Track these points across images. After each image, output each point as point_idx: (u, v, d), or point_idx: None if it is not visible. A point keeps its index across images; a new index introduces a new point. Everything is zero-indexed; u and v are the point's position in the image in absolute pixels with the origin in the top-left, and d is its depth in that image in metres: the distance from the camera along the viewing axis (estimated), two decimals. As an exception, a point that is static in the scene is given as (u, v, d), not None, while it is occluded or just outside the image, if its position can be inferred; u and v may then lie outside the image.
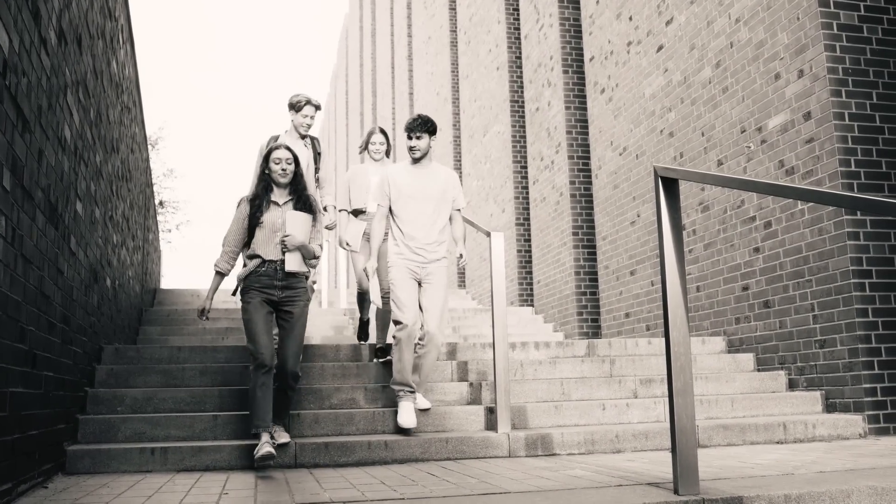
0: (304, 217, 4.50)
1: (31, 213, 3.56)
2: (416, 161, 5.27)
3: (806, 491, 3.11)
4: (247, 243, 4.61)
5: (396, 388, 5.10)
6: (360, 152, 6.61)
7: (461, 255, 5.29)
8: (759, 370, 6.58)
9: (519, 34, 12.95)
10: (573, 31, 10.81)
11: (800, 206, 6.13)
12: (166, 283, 25.76)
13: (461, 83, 15.87)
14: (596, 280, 10.10)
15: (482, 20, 14.34)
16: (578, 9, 10.85)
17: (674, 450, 3.10)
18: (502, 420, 4.99)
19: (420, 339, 5.09)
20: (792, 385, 6.21)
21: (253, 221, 4.55)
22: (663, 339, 6.83)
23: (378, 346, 6.28)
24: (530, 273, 12.03)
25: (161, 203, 26.07)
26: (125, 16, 7.32)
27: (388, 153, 6.54)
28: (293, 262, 4.51)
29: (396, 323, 5.07)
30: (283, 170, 4.59)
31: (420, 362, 5.10)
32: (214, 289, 4.64)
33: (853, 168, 5.71)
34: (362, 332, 6.82)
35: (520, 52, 12.84)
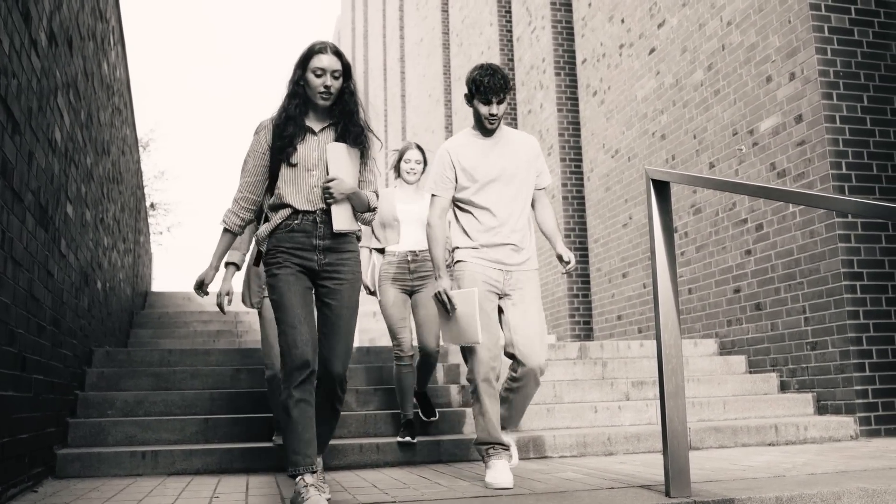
0: (349, 152, 3.20)
1: (21, 215, 3.54)
2: (489, 132, 3.88)
3: (797, 493, 3.11)
4: (269, 189, 3.26)
5: (483, 448, 3.73)
6: (395, 174, 5.12)
7: (564, 259, 3.86)
8: (750, 372, 6.60)
9: (511, 36, 12.96)
10: (565, 34, 10.83)
11: (791, 209, 6.14)
12: (157, 285, 25.68)
13: (453, 85, 15.88)
14: (588, 282, 10.10)
15: (474, 22, 14.35)
16: (570, 11, 10.87)
17: (665, 452, 3.10)
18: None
19: (514, 374, 3.79)
20: (784, 387, 6.23)
21: (280, 156, 3.15)
22: (655, 342, 6.84)
23: (417, 390, 5.07)
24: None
25: (152, 205, 25.99)
26: (116, 17, 7.30)
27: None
28: (343, 218, 3.15)
29: (469, 362, 3.73)
30: (326, 87, 3.12)
31: (511, 398, 3.86)
32: (221, 253, 3.27)
33: (844, 170, 5.73)
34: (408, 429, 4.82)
35: (512, 55, 12.85)
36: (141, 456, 4.50)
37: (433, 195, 3.87)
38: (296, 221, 3.14)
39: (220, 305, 4.35)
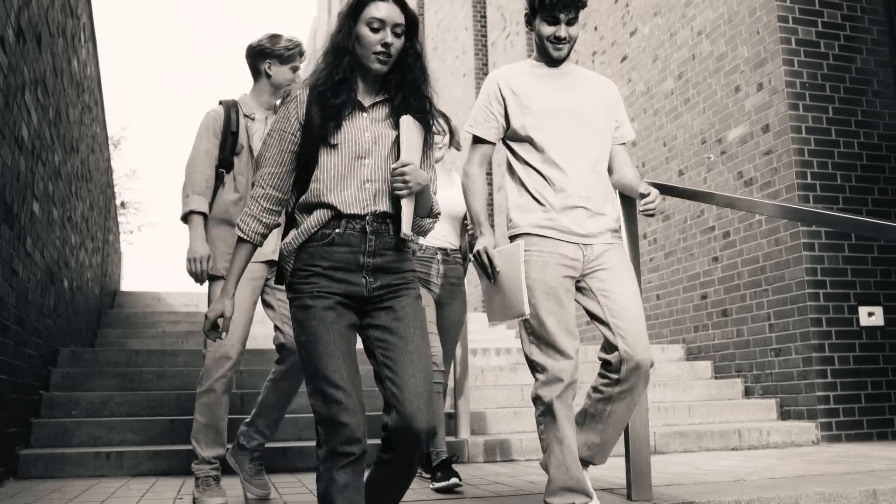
0: (419, 131, 2.32)
1: (-15, 213, 3.51)
2: (555, 62, 2.97)
3: (756, 497, 3.16)
4: (296, 183, 2.33)
5: (556, 501, 2.77)
6: None
7: (642, 191, 2.89)
8: (716, 378, 6.68)
9: (486, 41, 13.02)
10: (539, 40, 10.89)
11: (757, 217, 6.23)
12: (127, 285, 25.44)
13: (428, 89, 15.90)
14: (559, 287, 10.15)
15: (450, 26, 14.39)
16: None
17: (627, 456, 3.14)
18: (462, 426, 5.00)
19: (614, 376, 2.80)
20: (748, 392, 6.31)
21: (320, 136, 2.25)
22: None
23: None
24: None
25: (123, 204, 25.74)
26: (88, 14, 7.24)
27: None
28: (411, 219, 2.26)
29: (539, 373, 2.81)
30: (385, 45, 2.25)
31: (609, 412, 2.86)
32: (237, 274, 2.31)
33: (809, 180, 5.83)
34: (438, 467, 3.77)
35: (486, 60, 12.90)
36: (105, 457, 4.47)
37: (473, 137, 3.01)
38: (337, 230, 2.18)
39: (198, 274, 3.53)
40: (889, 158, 6.06)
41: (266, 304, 3.65)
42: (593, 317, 2.83)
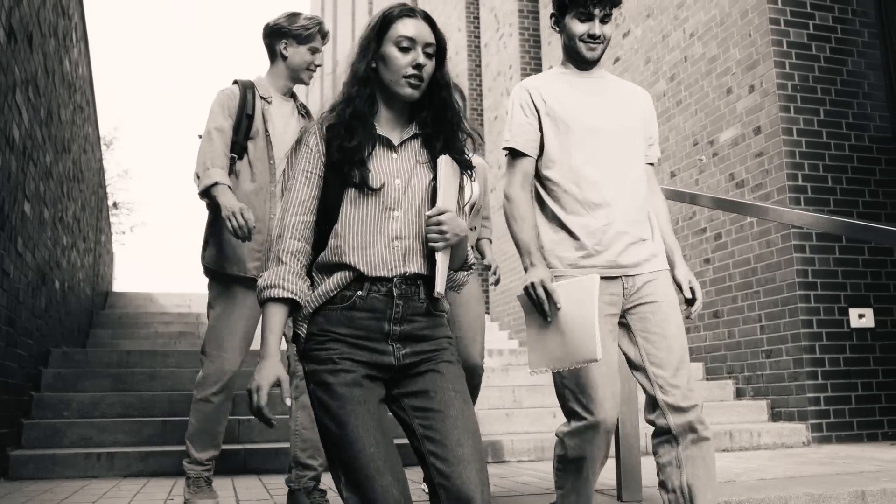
0: (457, 174, 2.03)
1: (-24, 213, 3.50)
2: (588, 63, 2.61)
3: (746, 497, 3.17)
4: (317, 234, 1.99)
5: None
6: None
7: (683, 287, 2.62)
8: (707, 379, 6.70)
9: (479, 42, 13.03)
10: (532, 41, 10.91)
11: (748, 219, 6.25)
12: (119, 285, 25.37)
13: (421, 90, 15.92)
14: (551, 288, 10.17)
15: (443, 27, 14.29)
16: (538, 19, 10.96)
17: (617, 457, 3.15)
18: (454, 427, 5.01)
19: (670, 435, 2.46)
20: (739, 394, 6.33)
21: (341, 182, 1.93)
22: (615, 348, 6.90)
23: None
24: (486, 280, 12.08)
25: (115, 204, 25.68)
26: (79, 14, 7.22)
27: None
28: (445, 276, 1.96)
29: (573, 420, 2.49)
30: (417, 66, 1.94)
31: (685, 480, 2.44)
32: (276, 341, 1.87)
33: (800, 182, 5.85)
34: None
35: (479, 61, 12.92)
36: (96, 458, 4.46)
37: (511, 152, 2.59)
38: (359, 293, 1.87)
39: (240, 226, 3.10)
40: (880, 161, 6.09)
41: None
42: (631, 364, 2.52)
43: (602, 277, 2.41)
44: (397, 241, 1.89)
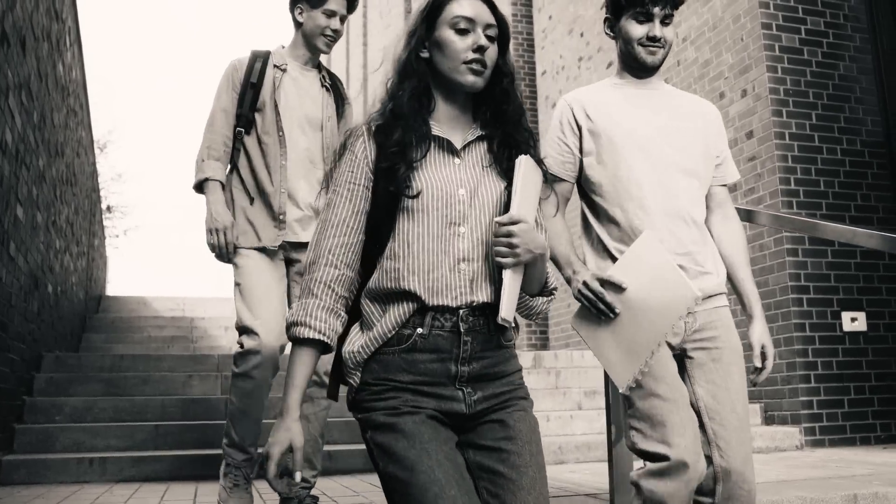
0: (539, 179, 1.75)
1: (-32, 217, 3.49)
2: (647, 70, 2.33)
3: (738, 502, 3.18)
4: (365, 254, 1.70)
5: None
6: None
7: (757, 351, 2.31)
8: (701, 382, 6.70)
9: (473, 46, 13.05)
10: (526, 45, 10.93)
11: (742, 223, 6.26)
12: (112, 289, 25.31)
13: (416, 94, 15.92)
14: (545, 292, 10.18)
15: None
16: (531, 23, 10.98)
17: (610, 461, 3.16)
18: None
19: (701, 499, 2.13)
20: (732, 397, 6.33)
21: (392, 194, 1.63)
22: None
23: None
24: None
25: (109, 208, 25.64)
26: (73, 18, 7.21)
27: None
28: (515, 299, 1.64)
29: (652, 459, 2.06)
30: (478, 50, 1.67)
31: None
32: (302, 387, 1.59)
33: (793, 186, 5.87)
34: None
35: (474, 65, 12.94)
36: (89, 463, 4.45)
37: (544, 174, 1.96)
38: (419, 331, 1.58)
39: (220, 246, 3.01)
40: (871, 164, 6.11)
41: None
42: None
43: None
44: (464, 263, 1.58)
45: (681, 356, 2.20)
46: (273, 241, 3.06)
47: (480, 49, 1.65)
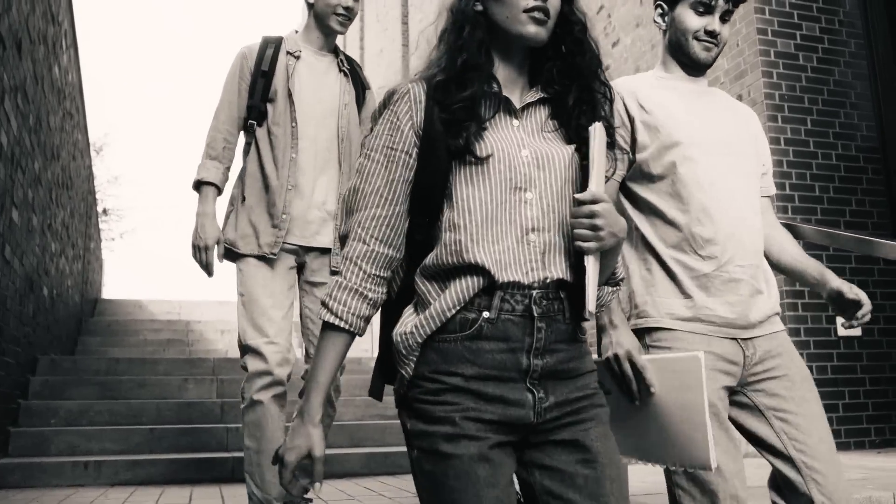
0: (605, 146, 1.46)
1: (-37, 220, 3.49)
2: (698, 67, 2.11)
3: (733, 506, 3.18)
4: (414, 230, 1.45)
5: None
6: None
7: (847, 296, 2.21)
8: (696, 387, 6.71)
9: (470, 50, 13.07)
10: (523, 50, 10.96)
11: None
12: (108, 292, 25.26)
13: (412, 97, 15.94)
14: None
15: (433, 35, 14.44)
16: (528, 28, 11.01)
17: None
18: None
19: None
20: (728, 402, 6.34)
21: (450, 155, 1.40)
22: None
23: None
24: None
25: (105, 211, 25.61)
26: (69, 21, 7.21)
27: None
28: (596, 289, 1.39)
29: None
30: (541, 6, 1.42)
31: None
32: (326, 386, 1.41)
33: (788, 191, 5.88)
34: None
35: (470, 69, 12.96)
36: (84, 466, 4.44)
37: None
38: (486, 314, 1.36)
39: (203, 263, 2.81)
40: (866, 170, 6.13)
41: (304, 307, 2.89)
42: (760, 443, 1.95)
43: (714, 336, 1.93)
44: (533, 233, 1.37)
45: (742, 393, 1.96)
46: (271, 246, 2.75)
47: (542, 14, 1.42)
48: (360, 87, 3.10)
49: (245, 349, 2.70)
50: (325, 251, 2.86)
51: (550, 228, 1.39)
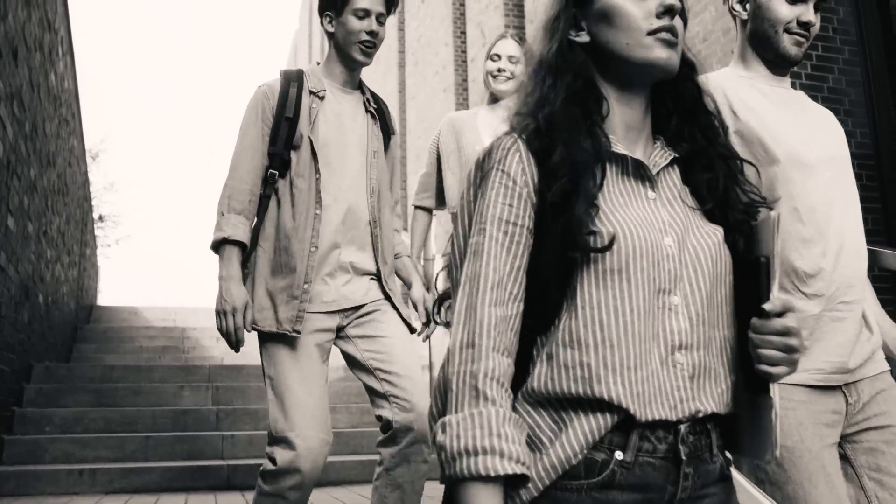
0: None
1: (-42, 228, 3.49)
2: (788, 62, 1.82)
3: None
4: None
5: None
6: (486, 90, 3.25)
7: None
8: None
9: (466, 57, 13.10)
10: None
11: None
12: (104, 299, 25.18)
13: (408, 104, 15.97)
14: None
15: (429, 42, 14.47)
16: (524, 35, 11.03)
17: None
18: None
19: None
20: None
21: (567, 245, 1.04)
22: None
23: None
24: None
25: (101, 217, 25.58)
26: (66, 28, 7.22)
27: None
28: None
29: None
30: (669, 12, 1.14)
31: None
32: None
33: (783, 198, 5.90)
34: None
35: (466, 75, 12.98)
36: (78, 474, 4.43)
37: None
38: (619, 456, 1.03)
39: (230, 333, 2.31)
40: (860, 177, 6.14)
41: (348, 358, 2.45)
42: None
43: (813, 386, 1.63)
44: (681, 352, 1.05)
45: (839, 445, 1.67)
46: (292, 321, 2.33)
47: (670, 11, 1.12)
48: (387, 130, 2.69)
49: (275, 440, 2.32)
50: (362, 305, 2.44)
51: (700, 345, 1.06)
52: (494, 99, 3.15)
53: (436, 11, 13.83)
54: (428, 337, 2.65)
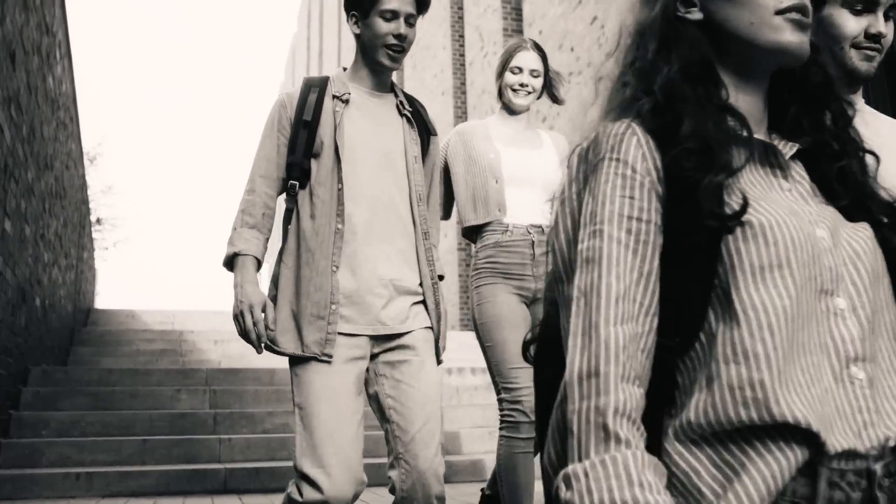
0: None
1: (-45, 231, 3.49)
2: (860, 77, 1.62)
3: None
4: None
5: None
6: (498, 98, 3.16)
7: None
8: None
9: (464, 60, 13.11)
10: (516, 60, 10.99)
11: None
12: (102, 302, 25.15)
13: (406, 107, 15.99)
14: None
15: (428, 45, 14.48)
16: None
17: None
18: (436, 446, 5.01)
19: None
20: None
21: (710, 244, 0.87)
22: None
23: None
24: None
25: (98, 220, 25.56)
26: (63, 31, 7.22)
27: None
28: None
29: None
30: (799, 5, 0.97)
31: None
32: None
33: (780, 202, 5.91)
34: None
35: (464, 79, 12.99)
36: (75, 477, 4.42)
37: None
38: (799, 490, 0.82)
39: (250, 332, 2.13)
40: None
41: (369, 394, 2.25)
42: None
43: None
44: (856, 364, 0.88)
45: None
46: (320, 345, 2.15)
47: (803, 22, 0.96)
48: (426, 133, 2.47)
49: (301, 476, 2.07)
50: (400, 335, 2.22)
51: (871, 356, 0.89)
52: (510, 111, 3.01)
53: (434, 15, 13.85)
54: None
